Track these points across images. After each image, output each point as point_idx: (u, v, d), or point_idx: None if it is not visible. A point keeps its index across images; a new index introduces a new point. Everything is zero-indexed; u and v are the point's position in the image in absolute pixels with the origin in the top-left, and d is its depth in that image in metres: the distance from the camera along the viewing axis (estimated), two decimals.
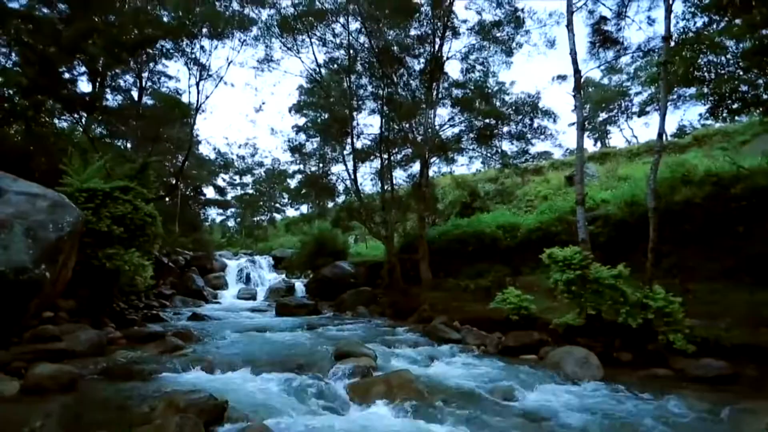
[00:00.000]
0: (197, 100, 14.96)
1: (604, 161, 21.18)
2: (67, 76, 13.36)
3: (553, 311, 7.48)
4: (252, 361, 5.56)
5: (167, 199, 19.69)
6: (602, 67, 25.70)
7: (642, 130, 56.61)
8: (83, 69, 13.92)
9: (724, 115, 9.03)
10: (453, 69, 16.28)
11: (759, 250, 7.41)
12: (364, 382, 4.77)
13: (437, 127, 14.19)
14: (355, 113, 14.50)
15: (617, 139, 46.33)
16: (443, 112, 14.76)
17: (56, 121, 13.61)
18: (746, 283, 7.23)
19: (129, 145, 16.58)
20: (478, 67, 14.14)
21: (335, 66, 15.19)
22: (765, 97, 8.27)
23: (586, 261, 6.66)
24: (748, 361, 5.18)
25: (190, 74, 14.91)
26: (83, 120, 13.85)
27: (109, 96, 15.79)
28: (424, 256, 12.51)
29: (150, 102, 17.08)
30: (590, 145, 32.34)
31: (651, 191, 7.44)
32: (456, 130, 14.61)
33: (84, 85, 14.65)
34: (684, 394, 4.55)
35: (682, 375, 5.23)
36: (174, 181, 18.62)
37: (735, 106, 8.66)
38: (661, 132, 7.93)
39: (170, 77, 17.63)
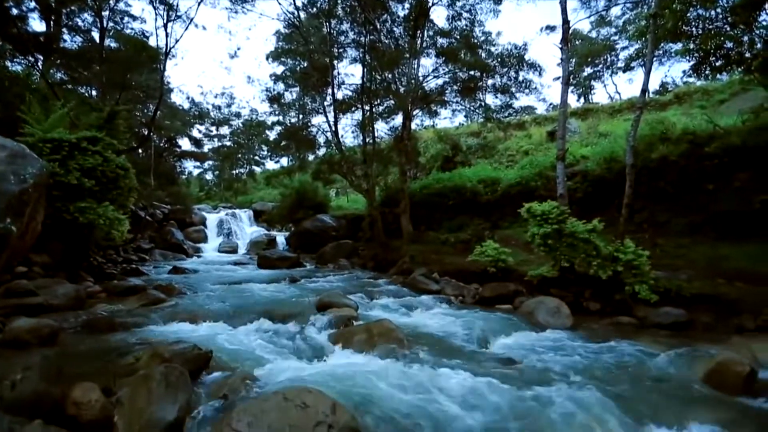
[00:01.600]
0: (166, 44, 13.95)
1: (586, 117, 21.20)
2: (15, 12, 12.14)
3: (529, 264, 7.77)
4: (235, 313, 5.64)
5: (140, 150, 18.89)
6: (592, 18, 25.05)
7: (625, 86, 56.46)
8: (33, 4, 12.66)
9: (707, 72, 9.02)
10: (439, 16, 15.64)
11: (723, 207, 7.73)
12: (346, 330, 4.93)
13: (421, 79, 13.78)
14: (335, 62, 13.87)
15: (601, 95, 46.25)
16: (427, 63, 14.30)
17: (9, 64, 12.54)
18: (710, 238, 7.62)
19: (94, 93, 15.55)
20: (465, 15, 13.53)
21: (314, 9, 14.27)
22: (748, 54, 8.26)
23: (563, 216, 6.83)
24: (704, 309, 5.56)
25: (156, 14, 13.85)
26: (40, 64, 12.79)
27: (66, 37, 14.55)
28: (406, 209, 12.59)
29: (114, 45, 15.85)
30: (573, 101, 32.17)
31: (630, 148, 7.54)
32: (440, 81, 14.24)
33: (36, 24, 13.43)
34: (641, 339, 4.93)
35: (643, 322, 5.60)
36: (146, 132, 17.76)
37: (718, 63, 8.65)
38: (645, 88, 7.90)
39: (135, 17, 16.31)
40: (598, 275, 6.25)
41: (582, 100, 33.76)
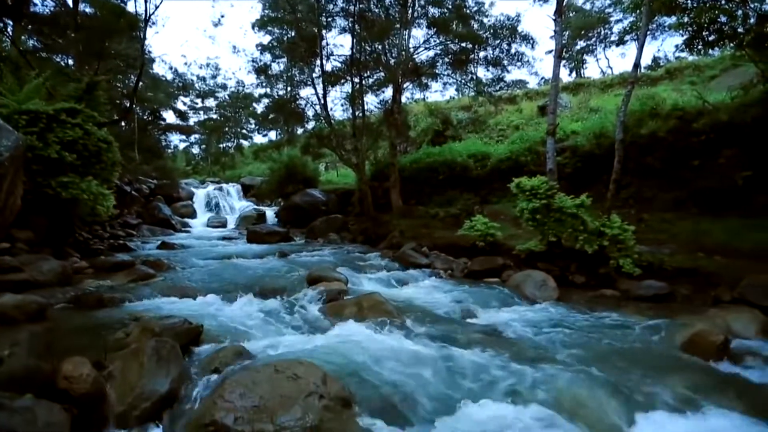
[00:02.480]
0: (146, 10, 13.27)
1: (577, 92, 21.06)
2: None
3: (517, 238, 7.88)
4: (225, 287, 5.65)
5: (123, 123, 18.31)
6: None
7: (618, 61, 56.01)
8: None
9: (700, 47, 8.98)
10: None
11: (707, 183, 7.86)
12: (337, 304, 4.99)
13: (411, 50, 13.45)
14: (324, 31, 13.41)
15: (593, 69, 45.70)
16: (418, 34, 13.93)
17: None
18: (693, 213, 7.78)
19: (71, 62, 14.89)
20: None
21: None
22: (741, 29, 8.21)
23: (551, 191, 6.88)
24: (684, 281, 5.74)
25: None
26: (10, 30, 12.13)
27: (37, 1, 13.76)
28: (395, 183, 12.55)
29: (89, 10, 15.06)
30: (565, 75, 31.90)
31: (620, 123, 7.55)
32: (431, 53, 13.93)
33: None
34: (624, 311, 5.09)
35: (626, 295, 5.76)
36: (128, 104, 17.15)
37: (711, 38, 8.60)
38: (638, 62, 7.85)
39: None
40: (584, 249, 6.38)
41: (574, 74, 33.48)
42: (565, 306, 5.38)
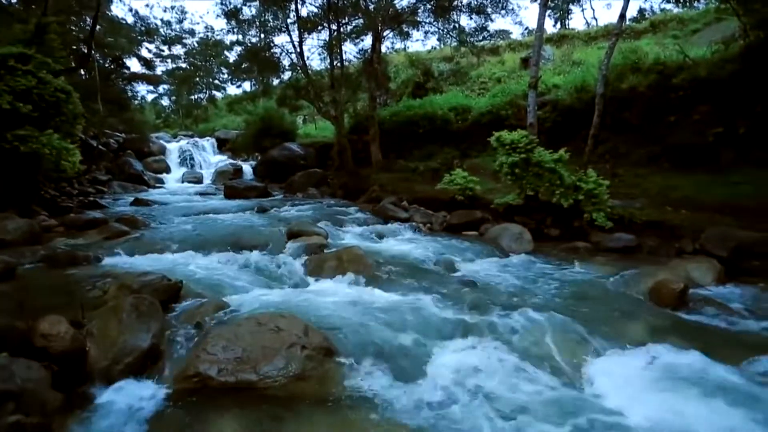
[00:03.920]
0: None
1: (561, 44, 20.58)
2: None
3: (496, 192, 7.97)
4: (203, 243, 5.59)
5: (82, 72, 17.00)
6: None
7: (603, 12, 54.65)
8: None
9: None
10: None
11: (679, 139, 8.00)
12: (317, 258, 5.03)
13: None
14: None
15: (578, 20, 44.66)
16: None
17: None
18: (665, 169, 7.98)
19: (14, 0, 13.47)
20: None
21: None
22: None
23: (531, 145, 6.90)
24: (652, 234, 6.00)
25: None
26: None
27: None
28: (375, 137, 12.32)
29: None
30: (550, 26, 30.92)
31: (602, 77, 7.48)
32: None
33: None
34: (594, 262, 5.35)
35: (597, 247, 6.01)
36: (86, 50, 15.83)
37: None
38: (624, 12, 7.66)
39: None
40: (560, 203, 6.52)
41: (558, 25, 32.55)
42: (540, 258, 5.59)
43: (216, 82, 31.68)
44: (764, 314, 3.65)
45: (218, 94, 32.59)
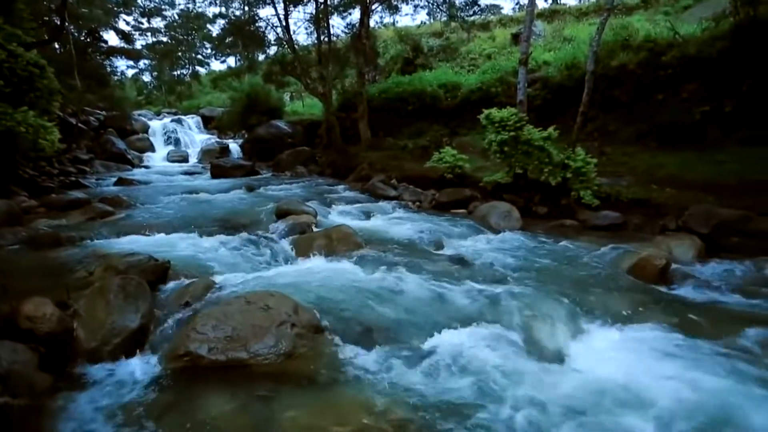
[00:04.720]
0: None
1: (552, 20, 20.27)
2: None
3: (485, 170, 7.98)
4: (191, 223, 5.53)
5: (56, 45, 16.28)
6: None
7: None
8: None
9: None
10: None
11: (666, 117, 8.04)
12: (306, 236, 5.02)
13: None
14: None
15: None
16: None
17: None
18: (652, 147, 8.04)
19: None
20: None
21: None
22: None
23: (520, 123, 6.88)
24: (637, 212, 6.10)
25: None
26: None
27: None
28: (364, 114, 12.15)
29: None
30: (541, 1, 30.36)
31: (592, 54, 7.41)
32: None
33: None
34: (581, 239, 5.42)
35: (584, 224, 6.09)
36: (58, 21, 15.09)
37: None
38: None
39: None
40: (548, 181, 6.57)
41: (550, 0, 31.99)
42: (527, 235, 5.66)
43: (199, 57, 30.74)
44: (741, 289, 3.77)
45: (202, 70, 31.68)
